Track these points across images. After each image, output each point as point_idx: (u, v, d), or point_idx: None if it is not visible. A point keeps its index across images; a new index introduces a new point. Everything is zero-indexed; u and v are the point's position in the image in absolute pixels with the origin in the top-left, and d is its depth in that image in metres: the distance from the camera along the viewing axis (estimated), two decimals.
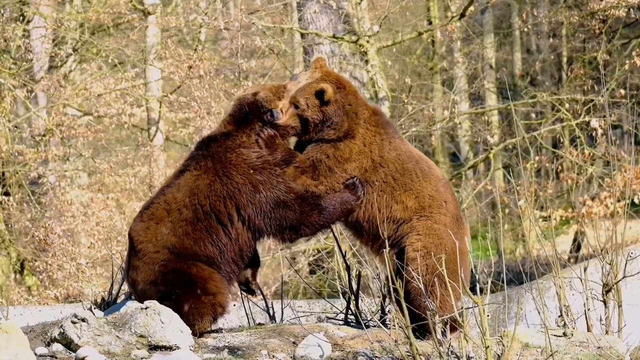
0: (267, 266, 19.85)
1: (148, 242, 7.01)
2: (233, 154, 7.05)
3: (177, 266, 6.93)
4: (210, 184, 7.00)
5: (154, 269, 6.96)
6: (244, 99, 7.24)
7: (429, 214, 7.16)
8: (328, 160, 7.16)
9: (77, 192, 20.68)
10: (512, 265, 19.91)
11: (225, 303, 7.04)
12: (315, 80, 7.22)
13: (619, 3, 19.62)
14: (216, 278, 7.00)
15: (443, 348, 6.45)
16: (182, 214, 6.98)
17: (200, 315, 6.94)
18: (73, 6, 22.63)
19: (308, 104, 7.15)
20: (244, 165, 7.03)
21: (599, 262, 7.72)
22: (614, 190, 12.98)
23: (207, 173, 7.03)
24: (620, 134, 26.53)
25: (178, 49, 21.04)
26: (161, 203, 7.06)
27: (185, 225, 6.97)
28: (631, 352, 7.22)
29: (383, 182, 7.17)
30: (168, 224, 6.98)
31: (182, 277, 6.93)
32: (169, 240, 6.97)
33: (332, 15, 19.14)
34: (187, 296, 6.91)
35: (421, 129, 20.12)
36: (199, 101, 19.38)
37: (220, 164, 7.03)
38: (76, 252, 18.38)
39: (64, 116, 21.00)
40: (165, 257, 6.95)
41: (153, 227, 7.02)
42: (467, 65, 24.03)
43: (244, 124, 7.17)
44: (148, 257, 6.99)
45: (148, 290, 7.00)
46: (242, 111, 7.22)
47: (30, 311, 10.98)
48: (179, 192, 7.04)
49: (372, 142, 7.21)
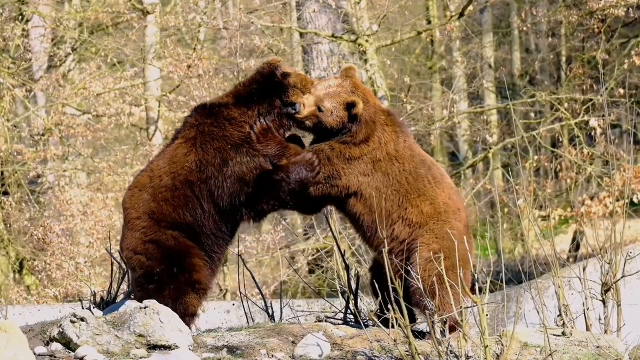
0: (266, 265, 19.86)
1: (132, 209, 7.11)
2: (218, 128, 7.09)
3: (157, 236, 7.01)
4: (186, 154, 7.07)
5: (135, 235, 7.05)
6: (270, 74, 7.15)
7: (445, 219, 7.24)
8: (331, 152, 7.23)
9: (76, 191, 20.67)
10: (511, 264, 19.91)
11: (204, 279, 7.09)
12: (345, 91, 7.28)
13: (617, 2, 19.62)
14: (194, 253, 7.06)
15: (442, 347, 6.45)
16: (162, 181, 7.05)
17: (181, 297, 7.00)
18: (72, 5, 22.63)
19: (333, 112, 7.22)
20: (222, 141, 7.07)
21: (598, 261, 7.72)
22: (612, 190, 13.00)
23: (187, 142, 7.09)
24: (619, 133, 26.55)
25: (177, 48, 21.04)
26: (147, 171, 7.19)
27: (164, 191, 7.04)
28: (630, 351, 7.23)
29: (397, 181, 7.24)
30: (149, 190, 7.06)
31: (160, 250, 7.00)
32: (149, 206, 7.03)
33: (331, 15, 19.14)
34: (165, 277, 6.97)
35: (420, 128, 20.12)
36: (198, 100, 19.36)
37: (201, 135, 7.07)
38: (75, 252, 18.38)
39: (63, 115, 21.00)
40: (145, 223, 7.03)
41: (137, 194, 7.10)
42: (466, 65, 24.04)
43: (249, 99, 7.15)
44: (131, 224, 7.09)
45: (130, 258, 7.09)
46: (260, 83, 7.18)
47: (29, 310, 10.99)
48: (162, 159, 7.15)
49: (388, 140, 7.33)
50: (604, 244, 7.70)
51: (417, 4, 25.50)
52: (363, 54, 19.21)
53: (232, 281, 17.74)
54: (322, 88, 7.30)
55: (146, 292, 7.04)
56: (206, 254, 7.18)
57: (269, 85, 7.14)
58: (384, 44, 20.20)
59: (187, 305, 7.04)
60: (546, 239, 7.99)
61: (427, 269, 7.02)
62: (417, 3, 25.60)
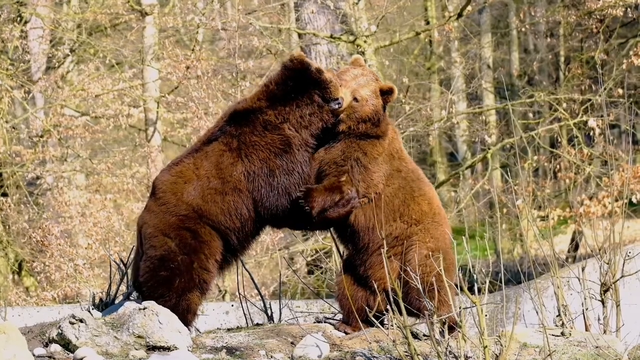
0: (265, 266, 19.85)
1: (172, 194, 7.13)
2: (258, 137, 7.15)
3: (196, 227, 7.07)
4: (233, 164, 7.13)
5: (170, 219, 7.07)
6: (303, 69, 7.12)
7: (439, 220, 7.26)
8: (365, 158, 7.19)
9: (75, 192, 20.67)
10: (510, 265, 19.90)
11: (211, 282, 7.18)
12: (373, 79, 7.28)
13: (616, 2, 19.62)
14: (218, 257, 7.17)
15: (441, 348, 6.45)
16: (211, 183, 7.12)
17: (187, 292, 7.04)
18: (70, 7, 22.63)
19: (369, 100, 7.18)
20: (266, 150, 7.14)
21: (597, 261, 7.72)
22: (611, 190, 12.99)
23: (232, 152, 7.15)
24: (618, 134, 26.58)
25: (175, 49, 21.03)
26: (190, 165, 7.20)
27: (214, 193, 7.11)
28: (629, 352, 7.23)
29: (404, 179, 7.23)
30: (197, 187, 7.12)
31: (193, 240, 7.06)
32: (195, 202, 7.09)
33: (330, 15, 19.13)
34: (182, 269, 7.02)
35: (419, 129, 20.11)
36: (197, 101, 19.37)
37: (244, 146, 7.14)
38: (74, 253, 18.38)
39: (62, 117, 21.00)
40: (186, 212, 7.07)
41: (180, 184, 7.15)
42: (465, 65, 24.02)
43: (286, 97, 7.16)
44: (167, 207, 7.11)
45: (155, 237, 7.08)
46: (294, 79, 7.15)
47: (28, 312, 10.98)
48: (206, 160, 7.18)
49: (394, 137, 7.35)
50: (603, 244, 7.71)
51: (415, 4, 25.50)
52: (361, 54, 19.20)
53: (231, 282, 17.73)
54: (350, 78, 7.25)
55: (155, 278, 7.02)
56: (230, 256, 7.30)
57: (304, 80, 7.12)
58: (383, 44, 20.20)
59: (191, 302, 7.06)
60: (545, 240, 7.98)
61: (427, 266, 7.01)
62: (416, 4, 25.60)
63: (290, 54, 7.34)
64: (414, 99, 23.07)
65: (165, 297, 6.97)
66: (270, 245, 18.09)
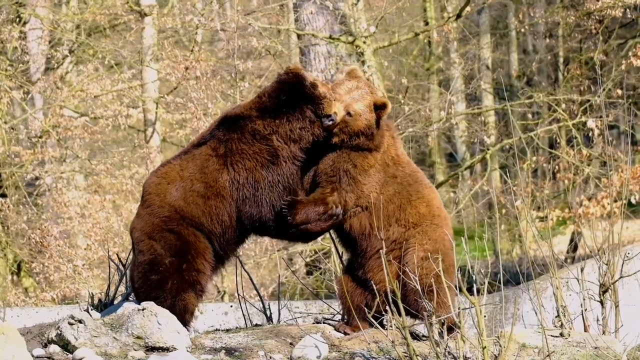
0: (264, 267, 19.84)
1: (156, 196, 7.15)
2: (246, 145, 7.13)
3: (179, 228, 7.07)
4: (219, 170, 7.12)
5: (155, 222, 7.09)
6: (297, 83, 7.09)
7: (438, 222, 7.24)
8: (354, 170, 7.15)
9: (74, 193, 20.66)
10: (509, 265, 19.90)
11: (205, 283, 7.17)
12: (368, 93, 7.19)
13: (615, 3, 19.61)
14: (208, 257, 7.15)
15: (440, 348, 6.45)
16: (194, 185, 7.12)
17: (181, 293, 7.04)
18: (69, 7, 22.62)
19: (362, 114, 7.11)
20: (252, 159, 7.12)
21: (596, 262, 7.72)
22: (610, 191, 12.97)
23: (218, 158, 7.14)
24: (617, 134, 26.58)
25: (174, 50, 21.01)
26: (176, 166, 7.22)
27: (196, 196, 7.11)
28: (628, 352, 7.23)
29: (400, 184, 7.22)
30: (180, 188, 7.13)
31: (177, 242, 7.05)
32: (177, 203, 7.10)
33: (329, 16, 19.12)
34: (172, 271, 7.01)
35: (418, 130, 20.10)
36: (196, 102, 19.34)
37: (231, 153, 7.12)
38: (73, 254, 18.36)
39: (61, 117, 20.99)
40: (168, 214, 7.08)
41: (164, 185, 7.16)
42: (464, 66, 24.02)
43: (277, 110, 7.12)
44: (151, 209, 7.14)
45: (142, 241, 7.11)
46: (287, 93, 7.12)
47: (27, 312, 10.97)
48: (192, 162, 7.19)
49: (390, 144, 7.30)
50: (602, 244, 7.71)
51: (414, 5, 25.49)
52: (360, 55, 19.19)
53: (230, 283, 17.73)
54: (344, 92, 7.19)
55: (147, 283, 7.04)
56: (217, 259, 7.26)
57: (297, 94, 7.09)
58: (382, 45, 20.19)
59: (187, 303, 7.06)
60: (544, 240, 7.99)
61: (424, 268, 7.00)
62: (415, 4, 25.59)
63: (287, 66, 7.31)
64: (413, 99, 23.07)
65: (160, 299, 6.97)
66: (270, 245, 18.08)
